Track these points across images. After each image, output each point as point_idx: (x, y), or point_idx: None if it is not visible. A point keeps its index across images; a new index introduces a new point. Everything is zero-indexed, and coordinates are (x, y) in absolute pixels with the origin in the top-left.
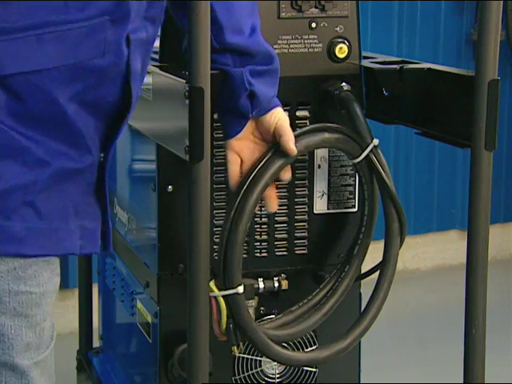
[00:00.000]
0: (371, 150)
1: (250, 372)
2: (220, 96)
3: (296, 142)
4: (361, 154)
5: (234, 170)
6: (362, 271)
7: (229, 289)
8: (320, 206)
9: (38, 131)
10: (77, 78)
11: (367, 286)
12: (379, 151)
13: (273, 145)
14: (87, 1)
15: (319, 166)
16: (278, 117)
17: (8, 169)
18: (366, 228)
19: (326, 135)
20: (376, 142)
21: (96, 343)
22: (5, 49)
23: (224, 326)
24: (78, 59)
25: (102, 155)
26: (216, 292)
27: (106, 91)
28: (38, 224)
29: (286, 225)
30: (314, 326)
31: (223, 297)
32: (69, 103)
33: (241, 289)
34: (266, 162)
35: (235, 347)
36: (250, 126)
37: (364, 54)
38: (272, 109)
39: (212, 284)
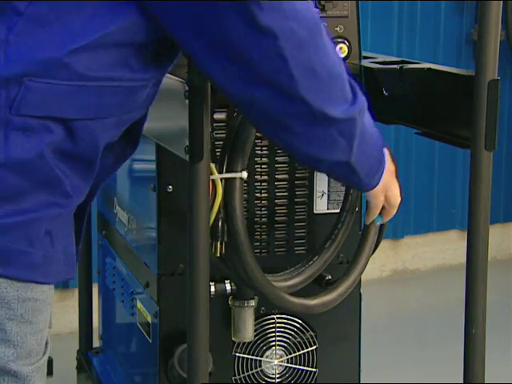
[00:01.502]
0: None
1: (250, 372)
2: None
3: None
4: None
5: None
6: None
7: (233, 172)
8: (320, 205)
9: (71, 167)
10: (117, 127)
11: (367, 286)
12: None
13: None
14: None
15: None
16: None
17: (41, 198)
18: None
19: None
20: None
21: (96, 343)
22: (77, 94)
23: (213, 217)
24: (128, 112)
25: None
26: (216, 175)
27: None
28: (51, 252)
29: (285, 225)
30: (317, 273)
31: (222, 181)
32: (102, 148)
33: (245, 174)
34: None
35: (218, 244)
36: None
37: (364, 54)
38: None
39: (213, 167)
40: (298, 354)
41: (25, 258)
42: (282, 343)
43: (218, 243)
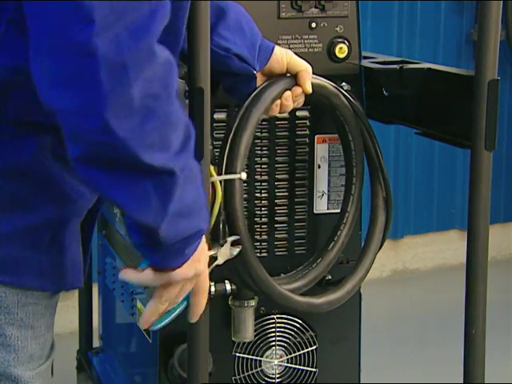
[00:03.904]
0: None
1: (250, 372)
2: (216, 75)
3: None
4: None
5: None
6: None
7: (232, 173)
8: (320, 205)
9: (68, 170)
10: None
11: (367, 286)
12: None
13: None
14: None
15: (319, 166)
16: (282, 55)
17: (42, 203)
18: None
19: (341, 95)
20: None
21: (96, 343)
22: None
23: (213, 220)
24: None
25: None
26: (215, 176)
27: None
28: (59, 259)
29: (285, 225)
30: (320, 276)
31: (221, 183)
32: None
33: (244, 175)
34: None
35: (219, 247)
36: (261, 80)
37: (364, 54)
38: (271, 54)
39: (212, 169)
40: (297, 354)
41: (32, 265)
42: (282, 343)
43: (219, 247)
